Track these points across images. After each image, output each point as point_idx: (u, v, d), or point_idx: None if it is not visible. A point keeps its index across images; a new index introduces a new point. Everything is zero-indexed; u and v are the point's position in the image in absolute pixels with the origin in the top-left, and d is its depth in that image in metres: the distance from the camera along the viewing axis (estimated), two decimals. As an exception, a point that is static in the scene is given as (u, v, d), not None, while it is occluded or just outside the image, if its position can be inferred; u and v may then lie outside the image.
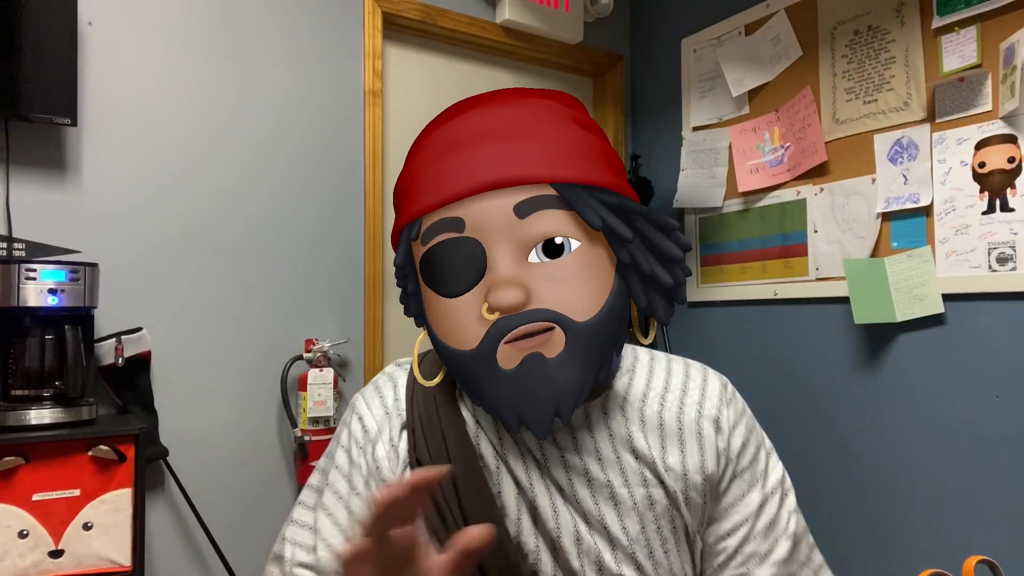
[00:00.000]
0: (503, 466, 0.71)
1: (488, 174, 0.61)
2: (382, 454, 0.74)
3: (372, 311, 2.03)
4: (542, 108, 0.66)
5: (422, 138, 0.69)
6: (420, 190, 0.65)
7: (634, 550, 0.69)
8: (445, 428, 0.72)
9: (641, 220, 0.67)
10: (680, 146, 2.38)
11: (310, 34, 1.96)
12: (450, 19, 2.20)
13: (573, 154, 0.63)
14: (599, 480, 0.69)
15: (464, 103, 0.68)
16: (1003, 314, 1.61)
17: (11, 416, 1.34)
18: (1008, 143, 1.59)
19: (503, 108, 0.65)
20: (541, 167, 0.61)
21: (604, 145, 0.68)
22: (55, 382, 1.41)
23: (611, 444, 0.71)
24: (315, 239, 1.94)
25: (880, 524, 1.82)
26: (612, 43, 2.60)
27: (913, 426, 1.77)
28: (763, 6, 2.14)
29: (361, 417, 0.78)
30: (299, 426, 1.84)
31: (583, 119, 0.68)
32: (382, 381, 0.82)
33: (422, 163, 0.66)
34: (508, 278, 0.61)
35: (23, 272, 1.35)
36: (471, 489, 0.69)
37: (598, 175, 0.64)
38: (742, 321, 2.20)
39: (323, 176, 1.96)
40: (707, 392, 0.75)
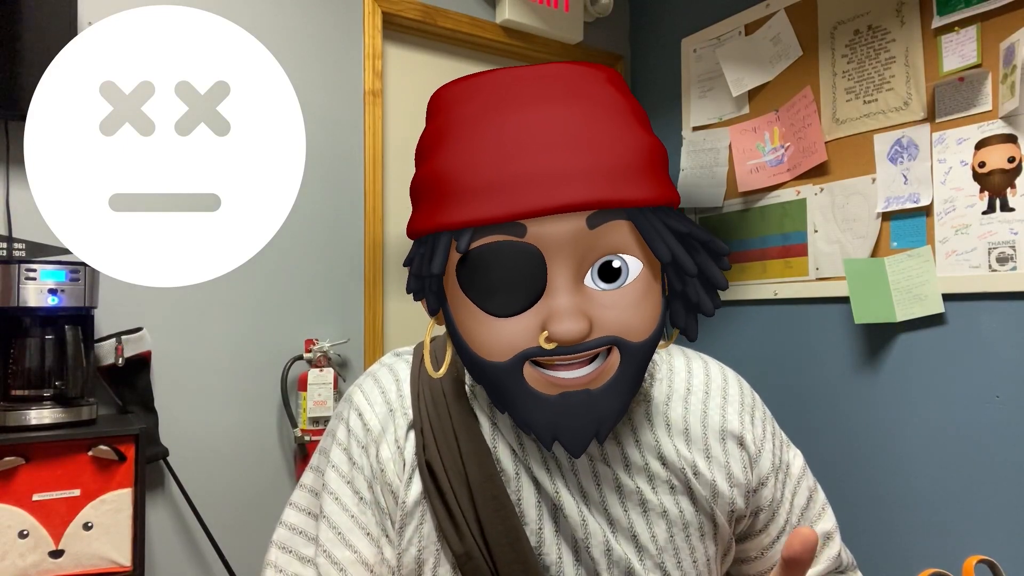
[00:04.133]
0: (524, 472, 0.67)
1: (563, 195, 0.54)
2: (387, 456, 0.68)
3: (372, 311, 2.03)
4: (609, 100, 0.59)
5: (459, 119, 0.59)
6: (471, 194, 0.55)
7: (663, 559, 0.67)
8: (457, 429, 0.67)
9: (701, 249, 0.62)
10: (680, 146, 2.38)
11: (310, 34, 1.96)
12: (450, 19, 2.20)
13: (644, 167, 0.58)
14: (628, 487, 0.67)
15: (515, 82, 0.58)
16: (1003, 314, 1.61)
17: (11, 416, 1.34)
18: (1008, 143, 1.59)
19: (570, 103, 0.57)
20: (618, 189, 0.55)
21: (657, 142, 0.62)
22: (55, 382, 1.41)
23: (639, 450, 0.68)
24: (315, 239, 1.94)
25: (880, 524, 1.82)
26: (612, 43, 2.60)
27: (913, 426, 1.77)
28: (763, 6, 2.14)
29: (361, 413, 0.71)
30: (299, 426, 1.84)
31: (637, 109, 0.62)
32: (382, 373, 0.74)
33: (471, 158, 0.56)
34: (572, 307, 0.56)
35: (23, 272, 1.35)
36: (487, 496, 0.65)
37: (663, 190, 0.59)
38: (742, 321, 2.20)
39: (323, 176, 1.96)
40: (728, 396, 0.74)
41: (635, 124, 0.59)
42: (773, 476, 0.73)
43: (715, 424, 0.71)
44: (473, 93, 0.59)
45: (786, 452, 0.76)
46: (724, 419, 0.72)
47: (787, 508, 0.74)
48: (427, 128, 0.62)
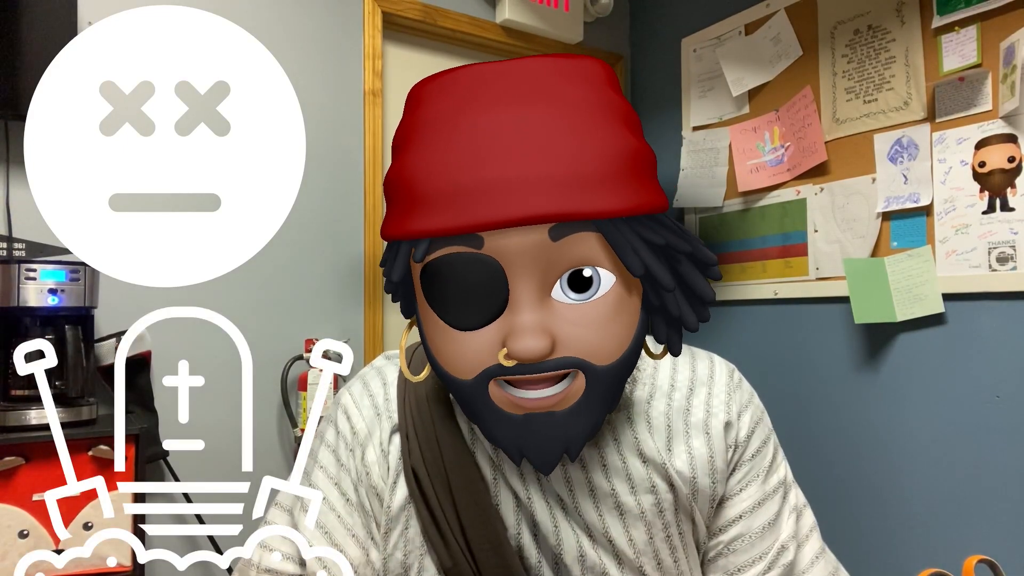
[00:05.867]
0: (500, 478, 0.66)
1: (522, 207, 0.50)
2: (372, 459, 0.68)
3: (372, 311, 2.03)
4: (587, 99, 0.54)
5: (428, 118, 0.55)
6: (428, 204, 0.52)
7: (641, 562, 0.65)
8: (440, 434, 0.66)
9: (684, 260, 0.58)
10: (680, 146, 2.38)
11: (310, 34, 1.96)
12: (450, 19, 2.20)
13: (619, 175, 0.53)
14: (603, 489, 0.65)
15: (487, 81, 0.54)
16: (1003, 314, 1.61)
17: (11, 416, 1.34)
18: (1008, 142, 1.59)
19: (540, 105, 0.52)
20: (584, 200, 0.51)
21: (643, 145, 0.57)
22: (55, 382, 1.41)
23: (617, 450, 0.66)
24: (315, 239, 1.94)
25: (880, 523, 1.82)
26: (612, 43, 2.60)
27: (913, 426, 1.77)
28: (763, 6, 2.14)
29: (349, 416, 0.71)
30: (299, 426, 1.84)
31: (623, 107, 0.57)
32: (370, 376, 0.74)
33: (432, 164, 0.53)
34: (532, 324, 0.52)
35: (23, 272, 1.35)
36: (469, 501, 0.64)
37: (641, 199, 0.54)
38: (742, 321, 2.20)
39: (323, 176, 1.96)
40: (714, 388, 0.70)
41: (616, 125, 0.54)
42: (748, 464, 0.69)
43: (699, 419, 0.68)
44: (444, 90, 0.55)
45: (772, 450, 0.72)
46: (708, 412, 0.69)
47: (744, 506, 0.68)
48: (401, 122, 0.59)
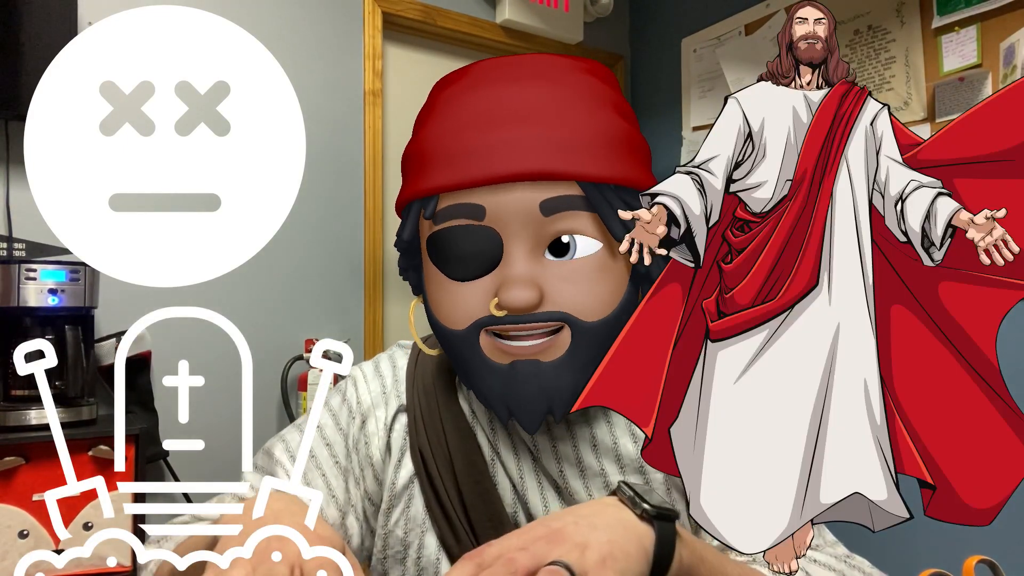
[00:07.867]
0: (496, 458, 0.69)
1: (515, 164, 0.57)
2: (372, 430, 0.71)
3: (372, 311, 2.03)
4: (582, 85, 0.62)
5: (443, 98, 0.64)
6: (437, 164, 0.60)
7: None
8: (444, 416, 0.70)
9: None
10: (680, 146, 2.38)
11: (310, 34, 1.96)
12: (450, 19, 2.20)
13: (606, 147, 0.59)
14: (592, 469, 0.67)
15: (495, 67, 0.63)
16: (1003, 314, 1.61)
17: (11, 416, 1.34)
18: (1008, 143, 1.59)
19: (539, 84, 0.61)
20: (571, 162, 0.58)
21: (636, 133, 0.64)
22: (55, 382, 1.41)
23: (609, 430, 0.69)
24: (315, 239, 1.94)
25: (880, 524, 1.82)
26: (612, 43, 2.60)
27: (913, 426, 1.77)
28: (763, 6, 2.14)
29: (357, 388, 0.74)
30: (299, 426, 1.84)
31: (618, 100, 0.64)
32: (383, 359, 0.79)
33: (442, 132, 0.61)
34: (523, 276, 0.59)
35: (23, 272, 1.36)
36: (471, 481, 0.67)
37: (627, 172, 0.60)
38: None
39: (323, 176, 1.96)
40: None
41: (608, 110, 0.61)
42: None
43: None
44: (459, 78, 0.64)
45: None
46: None
47: None
48: (420, 110, 0.67)
